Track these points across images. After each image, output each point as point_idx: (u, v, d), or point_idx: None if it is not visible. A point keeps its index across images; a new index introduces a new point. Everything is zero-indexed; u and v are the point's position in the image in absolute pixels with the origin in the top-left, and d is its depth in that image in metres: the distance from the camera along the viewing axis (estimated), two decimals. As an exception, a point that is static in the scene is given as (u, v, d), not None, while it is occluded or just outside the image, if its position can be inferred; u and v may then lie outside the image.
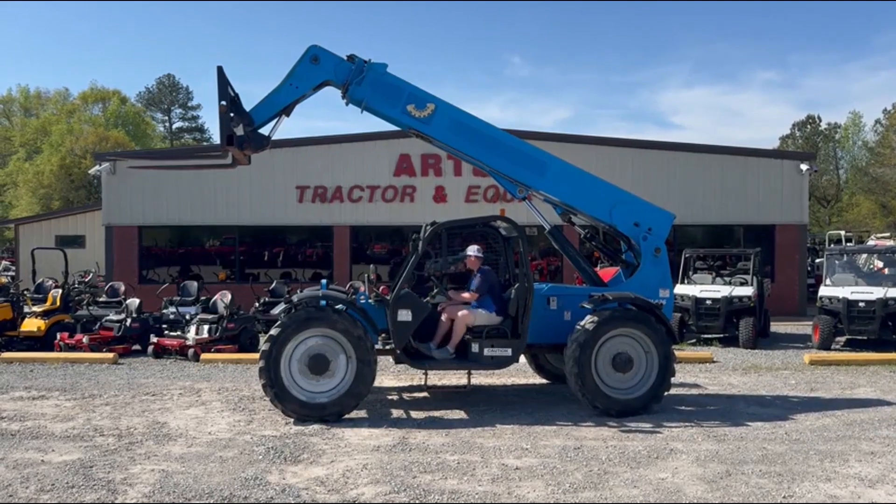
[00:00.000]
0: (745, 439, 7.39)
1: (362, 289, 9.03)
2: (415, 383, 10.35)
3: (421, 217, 9.48)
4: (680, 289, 15.02)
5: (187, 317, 13.70)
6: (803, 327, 16.56)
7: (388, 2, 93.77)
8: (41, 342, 13.28)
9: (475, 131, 9.19)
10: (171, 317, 14.06)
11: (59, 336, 13.10)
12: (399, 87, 9.02)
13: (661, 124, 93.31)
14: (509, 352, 8.59)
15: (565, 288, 9.49)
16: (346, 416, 8.16)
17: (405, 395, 9.64)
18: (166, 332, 13.65)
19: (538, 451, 6.93)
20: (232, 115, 8.75)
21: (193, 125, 71.66)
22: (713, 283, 15.16)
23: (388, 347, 8.91)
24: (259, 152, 9.18)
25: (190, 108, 70.54)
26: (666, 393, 8.55)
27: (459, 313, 8.70)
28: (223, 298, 13.67)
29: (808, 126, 58.49)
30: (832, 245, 26.46)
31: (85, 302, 15.07)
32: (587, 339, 8.22)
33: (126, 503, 5.57)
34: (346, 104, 9.10)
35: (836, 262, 14.94)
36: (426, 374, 9.13)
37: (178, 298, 15.35)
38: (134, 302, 14.06)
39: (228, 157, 9.27)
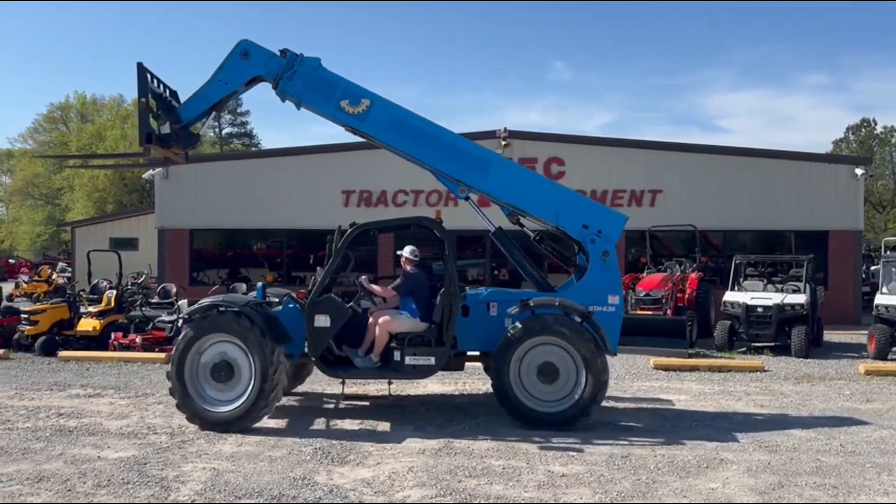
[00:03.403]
0: (798, 450, 7.22)
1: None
2: (459, 389, 10.36)
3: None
4: (730, 296, 14.76)
5: (236, 318, 13.91)
6: (858, 336, 16.07)
7: (427, 2, 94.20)
8: (96, 341, 13.63)
9: (413, 129, 8.81)
10: (221, 318, 14.27)
11: (113, 336, 13.46)
12: (333, 81, 8.73)
13: (708, 128, 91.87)
14: (432, 360, 8.14)
15: (506, 293, 8.99)
16: (255, 425, 7.81)
17: (449, 400, 9.65)
18: (216, 333, 13.89)
19: (585, 458, 6.87)
20: (159, 112, 8.63)
21: (242, 131, 73.02)
22: (764, 290, 14.83)
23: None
24: (189, 149, 9.10)
25: (239, 115, 71.90)
26: (596, 406, 7.97)
27: (381, 319, 8.30)
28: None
29: (863, 129, 56.88)
30: (888, 252, 25.65)
31: (138, 303, 15.45)
32: (506, 348, 7.90)
33: (179, 501, 5.69)
34: (283, 101, 8.86)
35: (893, 269, 14.47)
36: (343, 383, 8.76)
37: (228, 300, 15.59)
38: (185, 303, 14.37)
39: (156, 154, 8.97)
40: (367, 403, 9.34)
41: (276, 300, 8.73)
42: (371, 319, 8.43)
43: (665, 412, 8.95)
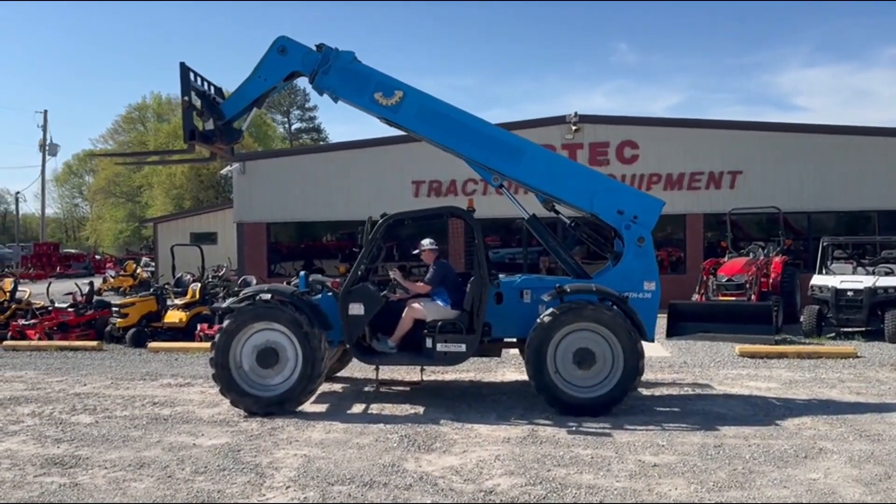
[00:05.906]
0: (903, 440, 6.88)
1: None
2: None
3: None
4: (818, 279, 14.20)
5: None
6: (958, 321, 15.18)
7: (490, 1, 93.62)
8: (183, 332, 14.14)
9: (446, 118, 8.90)
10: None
11: (199, 327, 13.91)
12: (367, 74, 8.89)
13: (782, 107, 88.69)
14: (463, 347, 8.24)
15: (539, 279, 8.99)
16: (300, 408, 8.17)
17: (528, 388, 9.56)
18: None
19: (675, 448, 6.71)
20: (203, 110, 8.97)
21: (311, 126, 74.57)
22: (854, 272, 14.19)
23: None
24: (232, 144, 9.43)
25: (307, 110, 73.42)
26: (632, 392, 7.99)
27: (410, 306, 8.55)
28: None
29: (955, 102, 53.71)
30: None
31: (220, 295, 15.91)
32: (542, 335, 7.86)
33: (274, 486, 5.83)
34: (320, 94, 9.09)
35: None
36: (377, 369, 9.13)
37: (304, 291, 15.92)
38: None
39: (201, 151, 9.39)
40: (409, 389, 9.51)
41: (321, 288, 8.97)
42: (406, 308, 8.67)
43: (755, 400, 8.67)
